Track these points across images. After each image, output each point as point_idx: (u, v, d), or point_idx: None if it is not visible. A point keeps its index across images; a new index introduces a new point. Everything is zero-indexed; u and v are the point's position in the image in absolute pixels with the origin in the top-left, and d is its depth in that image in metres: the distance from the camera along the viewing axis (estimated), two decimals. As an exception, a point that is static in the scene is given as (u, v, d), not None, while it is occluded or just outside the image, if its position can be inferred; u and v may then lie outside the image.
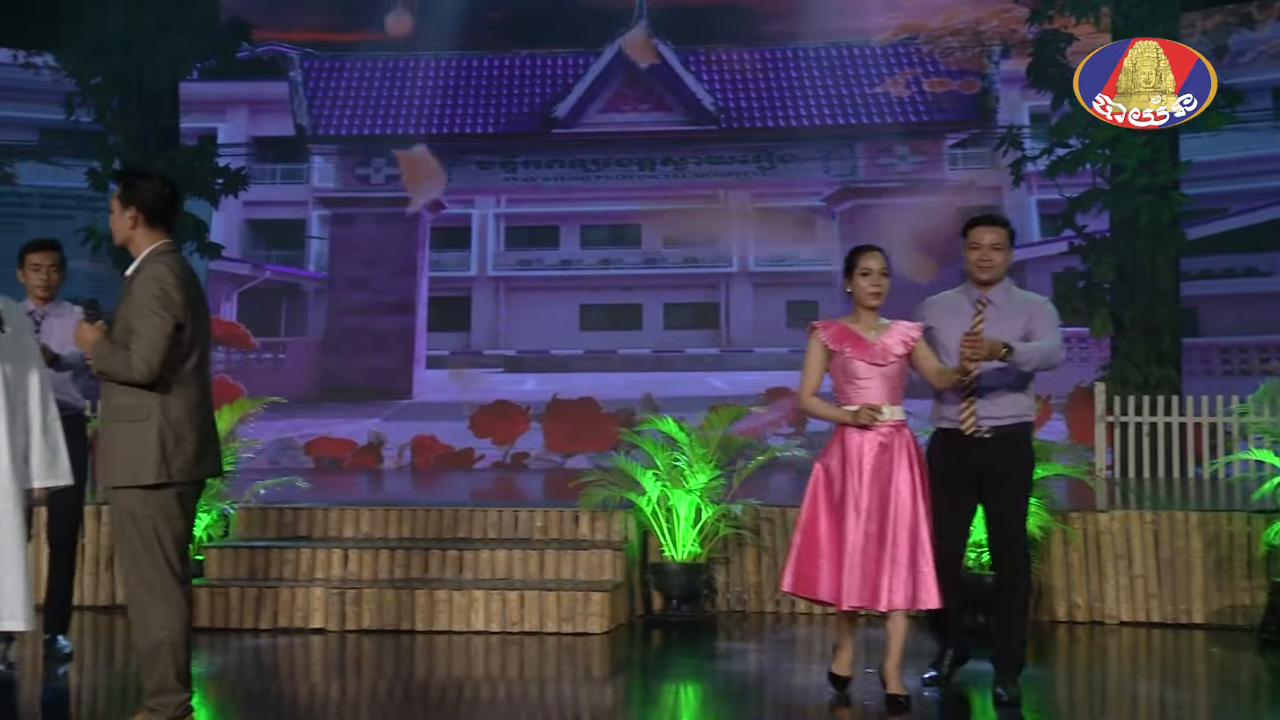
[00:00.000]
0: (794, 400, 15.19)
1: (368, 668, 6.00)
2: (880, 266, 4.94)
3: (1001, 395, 4.94)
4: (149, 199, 4.17)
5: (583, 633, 6.29)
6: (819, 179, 15.67)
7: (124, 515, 4.02)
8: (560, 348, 16.12)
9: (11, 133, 15.96)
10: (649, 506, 6.73)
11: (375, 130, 16.27)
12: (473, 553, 6.70)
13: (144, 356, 3.95)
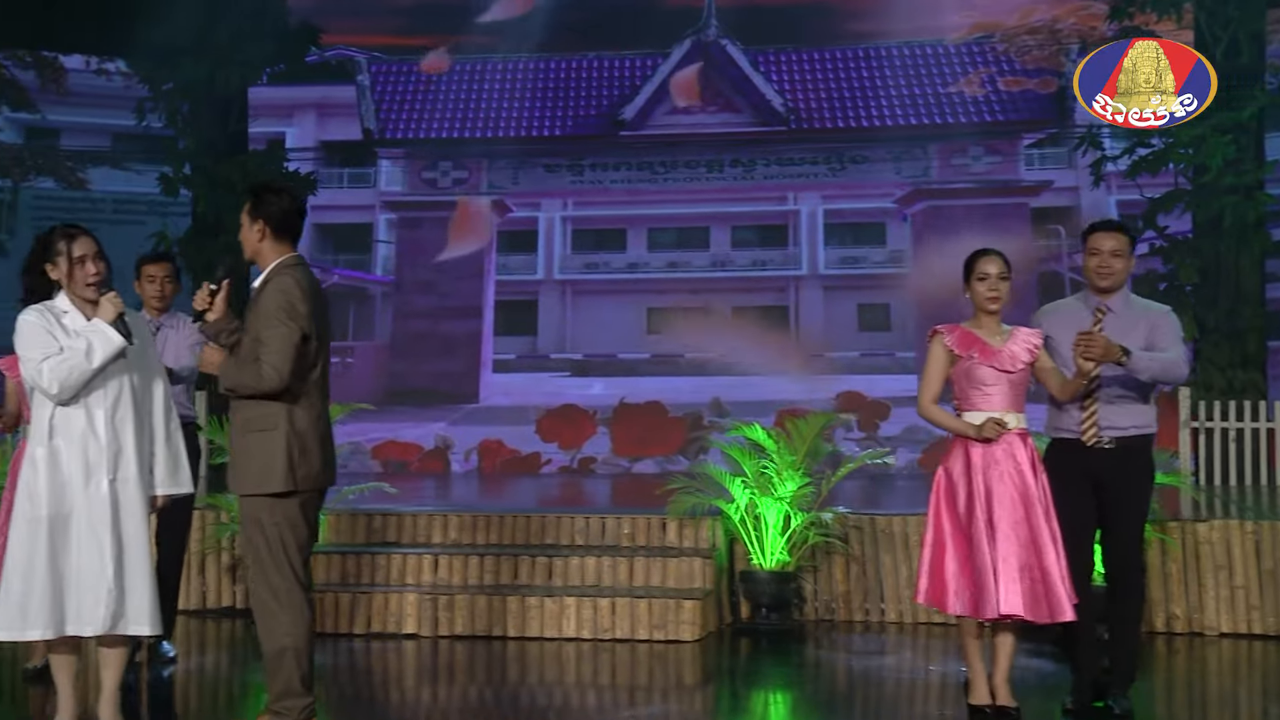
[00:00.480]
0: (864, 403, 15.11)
1: (461, 673, 6.16)
2: (998, 270, 4.90)
3: (1123, 405, 4.95)
4: (276, 213, 4.35)
5: (674, 640, 6.41)
6: (891, 180, 15.68)
7: (251, 523, 4.20)
8: (627, 351, 16.24)
9: (84, 138, 16.35)
10: (737, 514, 6.83)
11: (442, 133, 16.49)
12: (562, 559, 6.84)
13: (274, 365, 4.13)
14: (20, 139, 16.13)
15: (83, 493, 4.23)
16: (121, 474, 4.29)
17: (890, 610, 7.03)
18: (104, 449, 4.27)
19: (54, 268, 4.38)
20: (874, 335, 15.82)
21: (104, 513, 4.22)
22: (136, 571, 4.25)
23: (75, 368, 4.21)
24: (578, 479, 14.45)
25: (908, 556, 7.01)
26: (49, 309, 4.37)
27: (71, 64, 15.74)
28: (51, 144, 16.20)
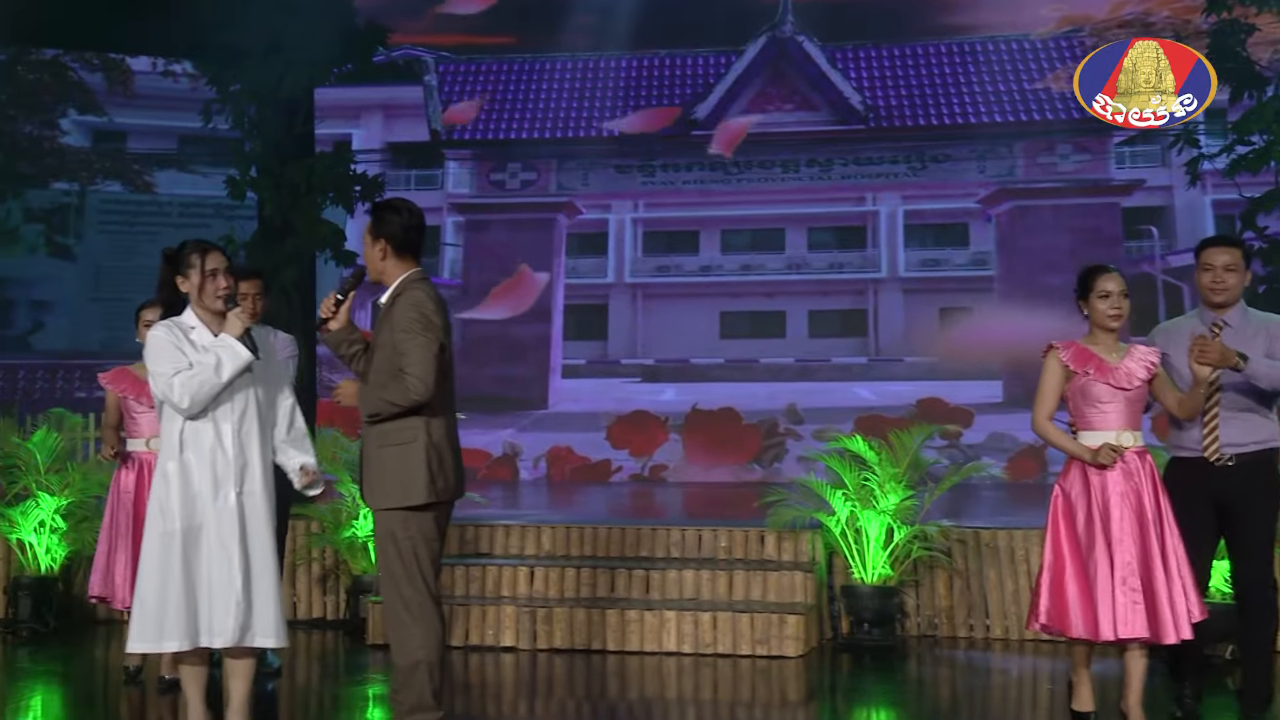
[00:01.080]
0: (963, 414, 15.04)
1: (560, 687, 6.25)
2: (1120, 289, 4.96)
3: (1244, 421, 4.96)
4: (396, 230, 4.48)
5: (778, 656, 6.45)
6: (974, 180, 15.67)
7: (386, 537, 4.32)
8: (700, 356, 16.35)
9: (151, 141, 16.67)
10: (838, 527, 6.86)
11: (510, 134, 16.69)
12: (659, 572, 6.91)
13: (420, 377, 4.26)
14: (88, 142, 16.48)
15: (212, 506, 4.37)
16: (248, 487, 4.43)
17: (995, 626, 7.03)
18: (231, 462, 4.40)
19: (185, 280, 4.52)
20: (956, 340, 15.80)
21: (232, 525, 4.36)
22: (263, 583, 4.39)
23: (205, 382, 4.34)
24: (650, 487, 14.53)
25: (1013, 571, 7.01)
26: (177, 324, 4.51)
27: (138, 66, 16.05)
28: (118, 147, 16.53)
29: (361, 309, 14.29)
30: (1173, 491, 4.90)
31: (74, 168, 16.06)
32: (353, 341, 4.57)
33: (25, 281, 15.83)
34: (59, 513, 7.57)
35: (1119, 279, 5.03)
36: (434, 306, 4.39)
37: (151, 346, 4.46)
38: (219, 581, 4.33)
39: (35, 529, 7.56)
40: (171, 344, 4.42)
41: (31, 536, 7.56)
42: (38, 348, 15.81)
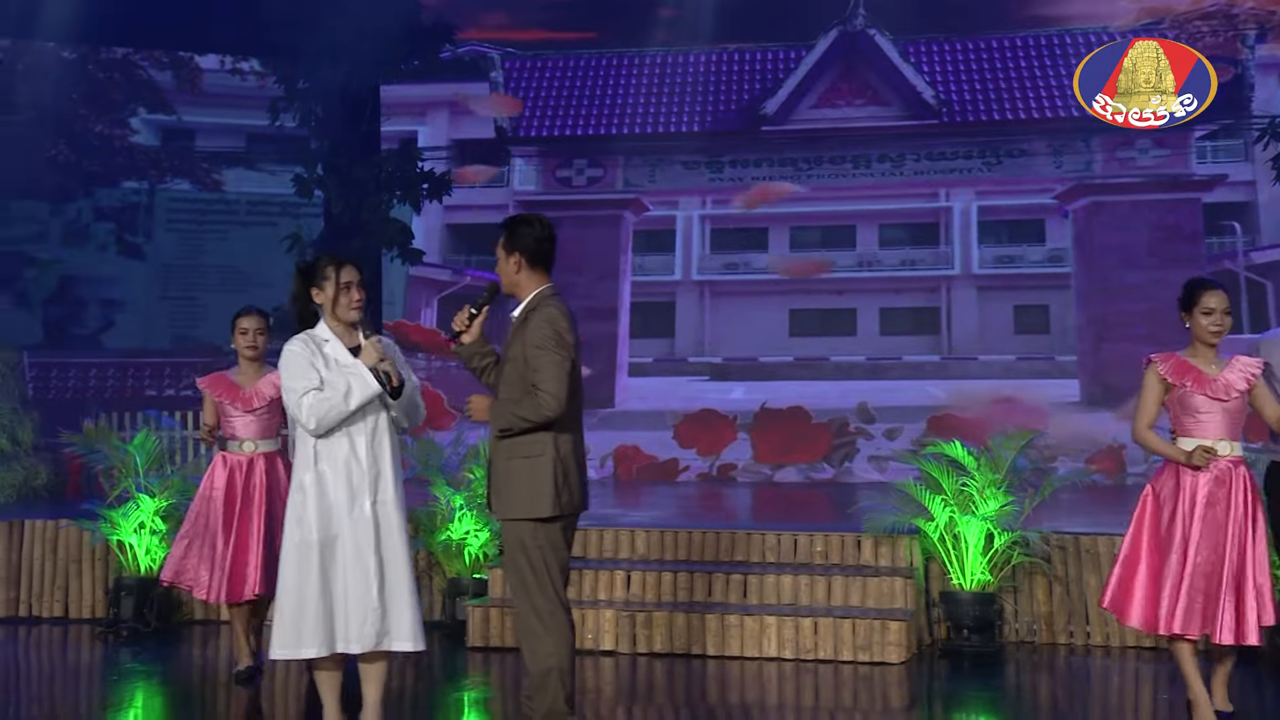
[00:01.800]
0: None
1: (660, 692, 6.38)
2: (1223, 306, 5.21)
3: None
4: (530, 244, 4.62)
5: (880, 662, 6.58)
6: (1050, 175, 15.63)
7: (516, 546, 4.48)
8: (769, 354, 16.40)
9: (219, 139, 16.97)
10: (936, 533, 6.96)
11: (577, 131, 16.82)
12: (756, 577, 7.05)
13: (553, 394, 4.41)
14: (157, 141, 16.79)
15: (348, 516, 4.54)
16: (381, 496, 4.60)
17: (1096, 633, 7.11)
18: (365, 473, 4.58)
19: (319, 292, 4.69)
20: (1031, 338, 15.77)
21: (368, 534, 4.54)
22: (398, 589, 4.57)
23: (333, 408, 4.51)
24: (718, 487, 14.64)
25: (1114, 578, 7.09)
26: (311, 338, 4.68)
27: (207, 64, 16.35)
28: (187, 145, 16.84)
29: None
30: (1272, 497, 5.23)
31: (143, 166, 16.38)
32: (484, 355, 4.73)
33: (96, 280, 16.17)
34: (158, 514, 7.80)
35: (1222, 296, 5.26)
36: (567, 324, 4.54)
37: (286, 360, 4.63)
38: (355, 589, 4.50)
39: (135, 530, 7.80)
40: (305, 360, 4.59)
41: (132, 538, 7.81)
42: (108, 346, 16.14)
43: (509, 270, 4.67)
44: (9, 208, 15.24)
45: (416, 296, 17.01)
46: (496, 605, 7.07)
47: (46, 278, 15.80)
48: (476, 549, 7.60)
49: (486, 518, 7.63)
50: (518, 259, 4.65)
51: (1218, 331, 5.19)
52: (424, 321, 16.76)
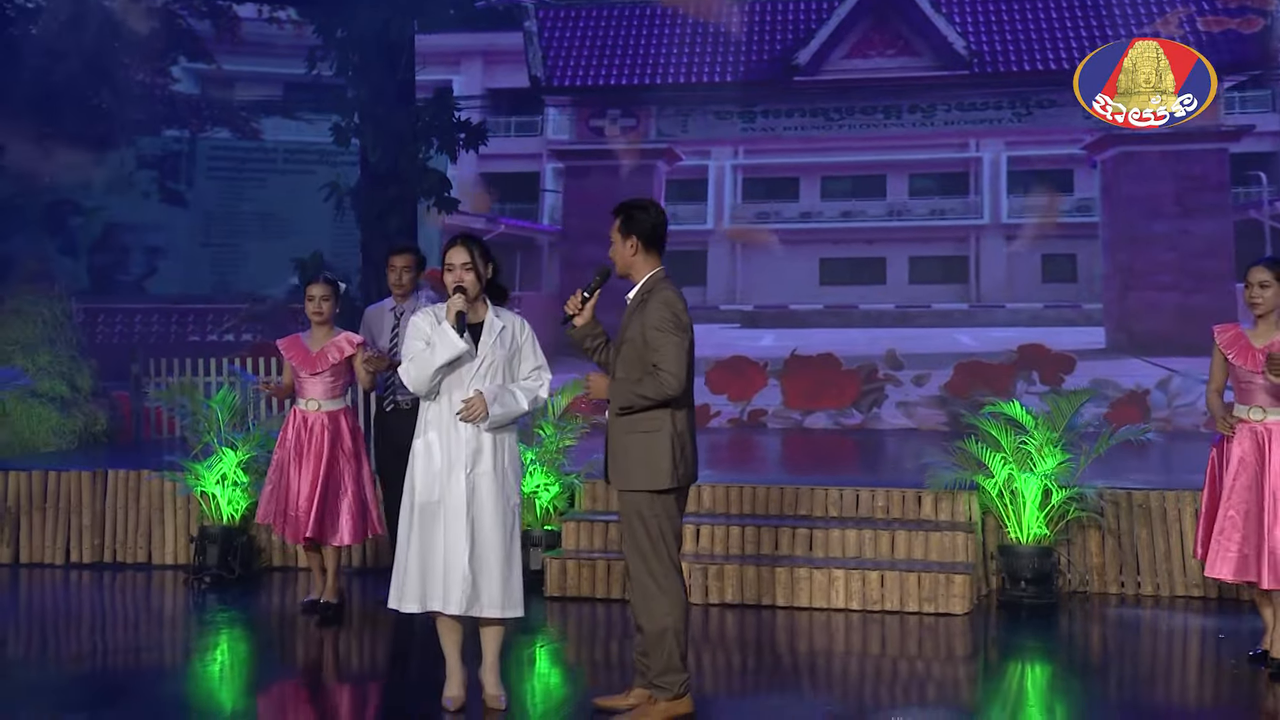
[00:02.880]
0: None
1: (732, 640, 6.64)
2: (1259, 280, 5.68)
3: None
4: (646, 228, 4.80)
5: (945, 613, 6.83)
6: (1080, 126, 15.68)
7: (634, 515, 4.70)
8: (799, 303, 16.58)
9: (257, 88, 17.06)
10: (995, 489, 7.19)
11: (610, 81, 16.88)
12: (822, 531, 7.29)
13: (674, 373, 4.61)
14: (197, 89, 16.88)
15: (449, 483, 4.77)
16: (480, 468, 4.81)
17: (1146, 583, 7.37)
18: (465, 445, 4.79)
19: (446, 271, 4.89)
20: (1059, 286, 15.94)
21: (461, 503, 4.75)
22: (490, 558, 4.77)
23: (423, 365, 4.75)
24: (749, 433, 14.87)
25: (1164, 530, 7.35)
26: (434, 310, 4.89)
27: (245, 13, 16.39)
28: (226, 94, 16.92)
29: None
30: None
31: (184, 115, 16.49)
32: (596, 336, 4.92)
33: (139, 228, 16.34)
34: (240, 466, 8.04)
35: (1262, 271, 5.74)
36: (683, 306, 4.73)
37: (408, 329, 4.85)
38: (452, 554, 4.74)
39: (218, 482, 8.04)
40: (420, 329, 4.81)
41: (215, 489, 8.05)
42: (152, 292, 16.34)
43: (625, 253, 4.84)
44: (54, 156, 15.34)
45: (452, 244, 17.21)
46: (572, 557, 7.32)
47: (91, 225, 15.96)
48: (547, 502, 7.84)
49: (557, 472, 7.87)
50: (634, 242, 4.82)
51: (1257, 304, 5.71)
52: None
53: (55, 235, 15.49)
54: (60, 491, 8.72)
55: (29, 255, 13.09)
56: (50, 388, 11.51)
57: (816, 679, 6.08)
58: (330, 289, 7.00)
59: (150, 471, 8.59)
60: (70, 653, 6.74)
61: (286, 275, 16.00)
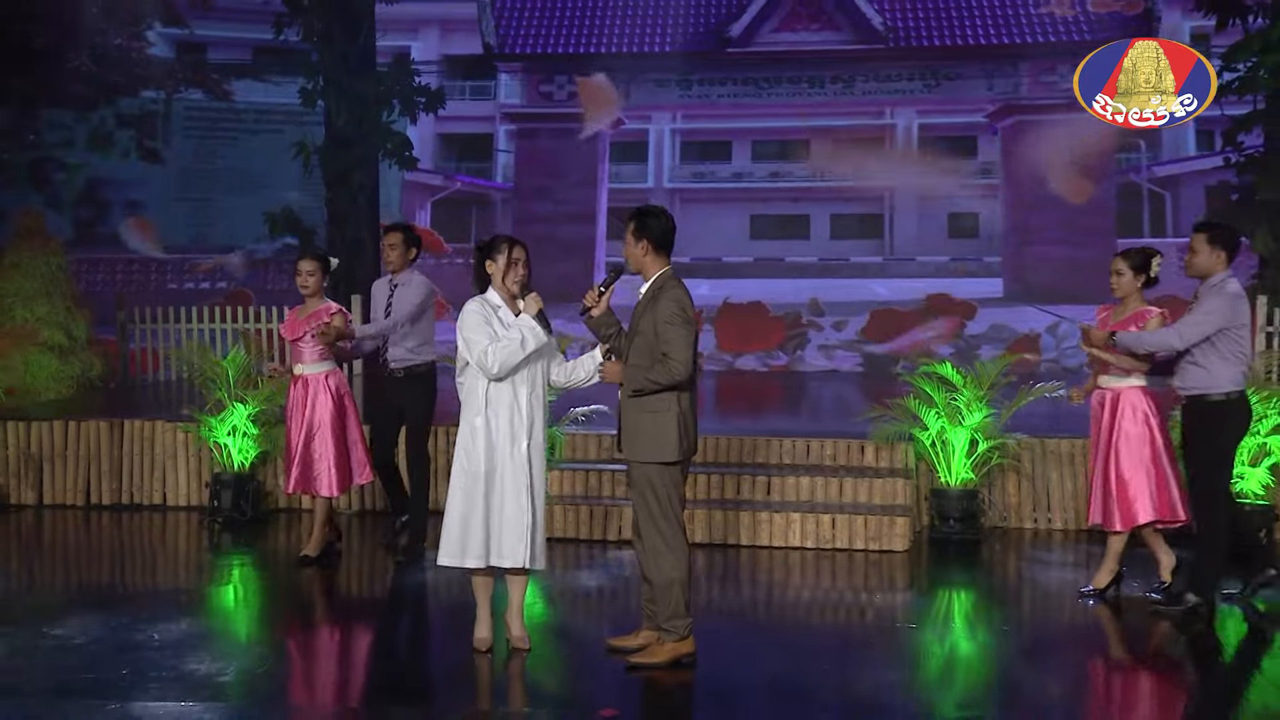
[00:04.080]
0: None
1: (702, 576, 6.96)
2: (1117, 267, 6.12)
3: (1183, 371, 5.89)
4: (657, 233, 5.01)
5: (887, 550, 7.21)
6: (983, 96, 16.10)
7: (645, 483, 4.96)
8: (731, 255, 16.88)
9: (227, 51, 16.81)
10: (929, 440, 7.57)
11: (558, 49, 16.91)
12: (779, 478, 7.60)
13: (681, 360, 4.85)
14: (171, 53, 16.60)
15: (508, 454, 4.98)
16: (534, 440, 5.04)
17: (1056, 519, 7.82)
18: (524, 420, 5.01)
19: (493, 264, 5.05)
20: (963, 242, 16.41)
21: (524, 469, 4.99)
22: (539, 518, 5.05)
23: (513, 354, 4.92)
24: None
25: (1073, 472, 7.78)
26: (486, 302, 5.05)
27: (215, -20, 16.13)
28: (199, 58, 16.66)
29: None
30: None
31: (160, 77, 16.22)
32: (610, 325, 5.14)
33: (119, 183, 16.12)
34: (250, 419, 8.17)
35: (1119, 260, 6.15)
36: (689, 302, 4.97)
37: (465, 319, 5.00)
38: (511, 515, 4.97)
39: (229, 433, 8.18)
40: (482, 318, 4.97)
41: (227, 440, 8.18)
42: (131, 243, 16.18)
43: (637, 253, 5.05)
44: (39, 116, 15.07)
45: (411, 200, 17.18)
46: (557, 503, 7.58)
47: (75, 181, 15.72)
48: (532, 451, 8.07)
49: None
50: (645, 244, 5.03)
51: (1114, 288, 6.12)
52: (418, 223, 16.93)
53: (40, 190, 15.26)
54: (80, 439, 8.77)
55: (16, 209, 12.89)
56: (49, 337, 11.41)
57: (777, 610, 6.43)
58: (317, 264, 6.95)
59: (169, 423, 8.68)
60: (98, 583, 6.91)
61: (257, 227, 15.88)
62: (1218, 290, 5.78)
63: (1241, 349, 5.79)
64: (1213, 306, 5.73)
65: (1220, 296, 5.75)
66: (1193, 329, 5.72)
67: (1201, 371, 5.79)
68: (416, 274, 7.11)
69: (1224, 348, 5.74)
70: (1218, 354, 5.75)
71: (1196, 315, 5.75)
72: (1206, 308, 5.74)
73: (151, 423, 8.77)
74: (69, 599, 6.59)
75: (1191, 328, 5.73)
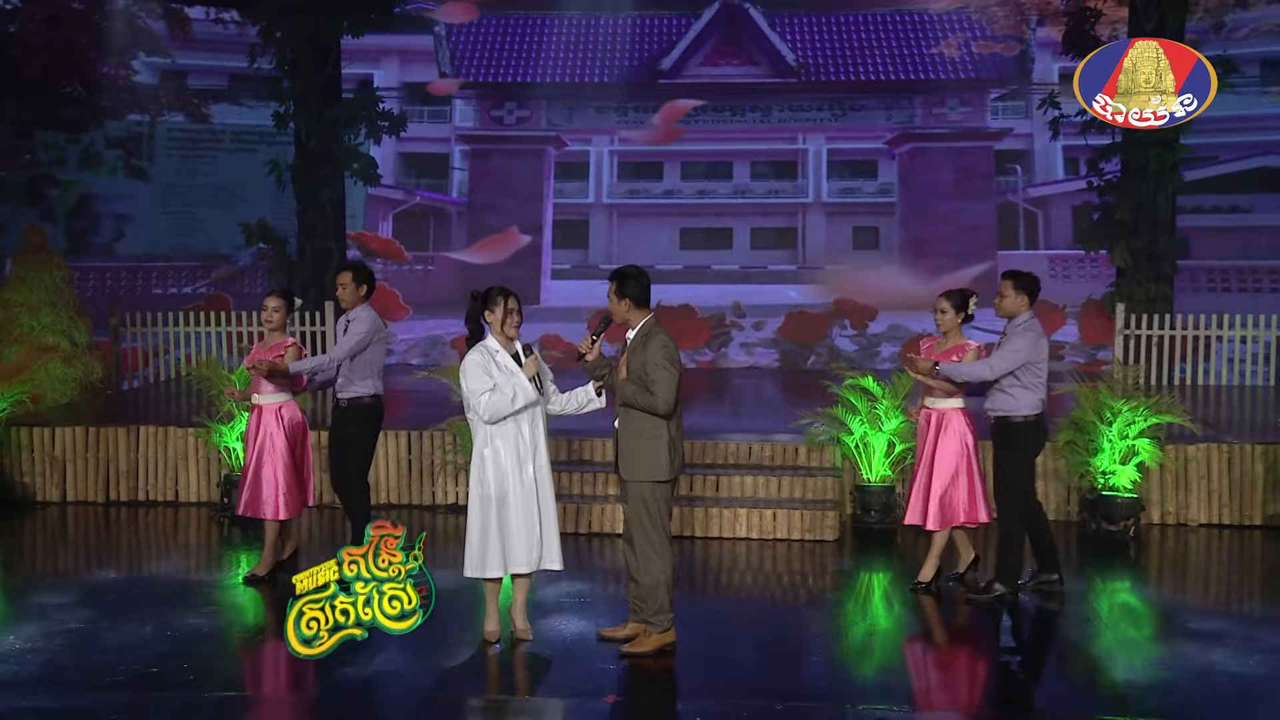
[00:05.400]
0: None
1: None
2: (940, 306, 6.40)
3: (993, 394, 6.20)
4: (635, 291, 5.24)
5: (820, 540, 7.56)
6: (882, 125, 16.56)
7: (639, 499, 5.23)
8: (663, 263, 17.15)
9: (206, 78, 16.64)
10: (853, 442, 7.92)
11: (507, 78, 17.01)
12: (725, 477, 7.91)
13: (665, 399, 5.11)
14: (155, 80, 16.38)
15: (518, 477, 5.22)
16: (539, 461, 5.28)
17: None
18: (528, 447, 5.25)
19: (491, 314, 5.25)
20: (865, 253, 16.88)
21: (531, 490, 5.24)
22: (550, 526, 5.30)
23: (503, 407, 5.13)
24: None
25: (972, 471, 8.20)
26: (485, 349, 5.25)
27: (194, 14, 15.96)
28: (180, 84, 16.46)
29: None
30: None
31: (144, 102, 16.02)
32: (603, 367, 5.38)
33: (108, 198, 15.91)
34: (256, 428, 8.26)
35: (943, 300, 6.38)
36: (674, 346, 5.23)
37: (466, 367, 5.20)
38: (522, 530, 5.22)
39: (237, 439, 8.28)
40: (482, 368, 5.17)
41: (235, 444, 8.28)
42: (120, 253, 15.98)
43: (621, 309, 5.27)
44: (34, 137, 14.81)
45: (374, 212, 17.18)
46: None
47: (67, 196, 15.49)
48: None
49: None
50: (628, 302, 5.27)
51: (938, 323, 6.38)
52: (381, 233, 16.97)
53: (38, 205, 15.01)
54: (100, 443, 8.81)
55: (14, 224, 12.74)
56: (54, 343, 11.34)
57: (728, 591, 6.76)
58: (282, 301, 6.70)
59: (190, 430, 8.73)
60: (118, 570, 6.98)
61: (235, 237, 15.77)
62: (1023, 330, 6.10)
63: (1041, 379, 6.14)
64: (1019, 345, 6.05)
65: (1025, 336, 6.07)
66: (1002, 363, 6.04)
67: (1007, 397, 6.12)
68: (365, 310, 6.74)
69: (1026, 379, 6.08)
70: (1021, 384, 6.09)
71: (1005, 351, 6.06)
72: (1014, 345, 6.05)
73: (164, 428, 8.82)
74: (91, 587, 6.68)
75: (1001, 361, 6.04)
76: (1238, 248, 15.83)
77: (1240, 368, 12.28)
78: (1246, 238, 15.82)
